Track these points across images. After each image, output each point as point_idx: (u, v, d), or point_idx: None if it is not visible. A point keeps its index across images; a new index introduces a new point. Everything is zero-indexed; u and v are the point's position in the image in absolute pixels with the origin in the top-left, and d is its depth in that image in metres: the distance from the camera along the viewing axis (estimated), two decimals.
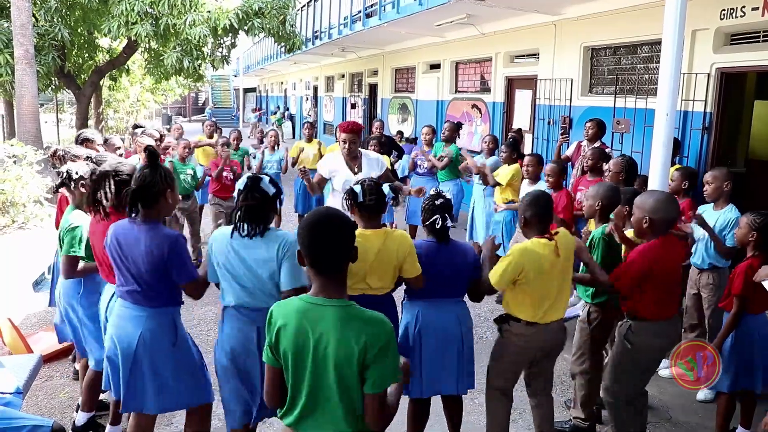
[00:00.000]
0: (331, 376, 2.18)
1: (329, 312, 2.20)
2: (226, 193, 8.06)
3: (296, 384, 2.25)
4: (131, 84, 23.00)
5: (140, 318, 3.26)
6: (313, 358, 2.19)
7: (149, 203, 3.23)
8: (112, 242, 3.26)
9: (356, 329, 2.17)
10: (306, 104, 28.13)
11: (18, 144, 10.76)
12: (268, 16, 14.10)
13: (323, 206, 3.02)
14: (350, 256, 2.29)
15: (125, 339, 3.25)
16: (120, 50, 16.98)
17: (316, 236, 2.23)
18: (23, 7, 11.85)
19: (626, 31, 8.00)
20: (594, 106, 8.61)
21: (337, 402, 2.21)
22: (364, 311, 2.24)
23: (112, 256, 3.27)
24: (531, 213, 3.60)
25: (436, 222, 3.55)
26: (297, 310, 2.23)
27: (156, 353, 3.27)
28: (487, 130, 11.52)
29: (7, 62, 12.50)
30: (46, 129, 15.06)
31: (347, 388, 2.19)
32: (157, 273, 3.20)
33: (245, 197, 3.12)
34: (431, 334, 3.60)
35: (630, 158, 5.54)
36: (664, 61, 4.27)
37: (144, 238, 3.18)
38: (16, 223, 9.70)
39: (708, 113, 6.85)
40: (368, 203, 3.46)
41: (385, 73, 17.18)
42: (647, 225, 3.61)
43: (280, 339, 2.23)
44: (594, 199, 4.24)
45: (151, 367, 3.26)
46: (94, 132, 6.23)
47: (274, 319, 2.26)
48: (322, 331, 2.18)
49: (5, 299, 6.36)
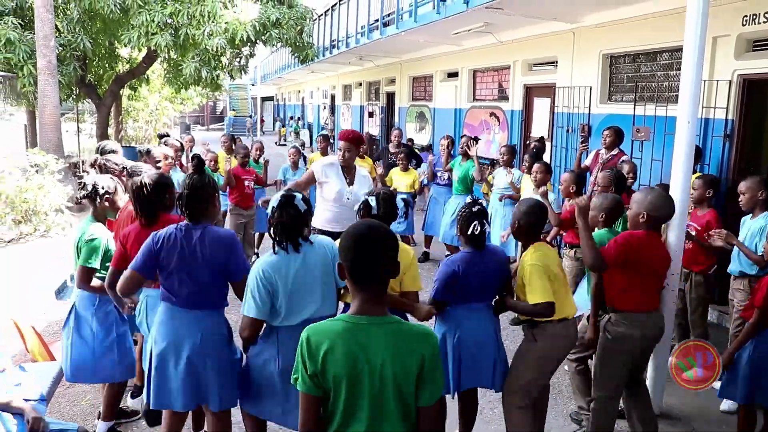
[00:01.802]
0: (391, 396, 2.14)
1: (379, 331, 2.16)
2: (247, 202, 8.10)
3: (349, 408, 2.17)
4: (150, 93, 23.19)
5: (198, 320, 3.33)
6: (370, 380, 2.13)
7: (201, 207, 3.35)
8: (165, 248, 3.30)
9: (410, 345, 2.16)
10: (323, 113, 28.22)
11: (40, 153, 10.88)
12: (285, 26, 14.18)
13: (366, 219, 3.04)
14: (392, 269, 2.24)
15: (184, 342, 3.30)
16: (140, 60, 17.14)
17: (359, 249, 2.20)
18: (46, 19, 12.00)
19: (646, 39, 7.96)
20: (613, 113, 8.57)
21: (398, 420, 2.18)
22: (411, 326, 2.23)
23: (165, 263, 3.30)
24: (525, 221, 3.75)
25: (475, 228, 3.60)
26: (342, 332, 2.16)
27: (214, 353, 3.34)
28: (506, 139, 11.50)
29: (30, 73, 12.65)
30: (67, 138, 15.21)
31: (407, 405, 2.18)
32: (215, 273, 3.29)
33: (280, 215, 3.14)
34: (472, 341, 3.67)
35: (618, 171, 5.54)
36: (686, 69, 4.24)
37: (201, 241, 3.28)
38: (38, 232, 9.80)
39: (730, 120, 6.79)
40: (381, 215, 3.58)
41: (403, 81, 17.21)
42: (644, 220, 3.79)
43: (327, 365, 2.13)
44: (598, 211, 4.28)
45: (213, 366, 3.32)
46: (116, 143, 6.29)
47: (314, 344, 2.15)
48: (375, 351, 2.13)
49: (28, 306, 6.42)
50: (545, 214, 3.90)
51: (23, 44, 12.64)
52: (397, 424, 2.18)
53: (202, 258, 3.26)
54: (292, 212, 3.14)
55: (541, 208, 3.86)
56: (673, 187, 4.37)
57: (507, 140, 11.41)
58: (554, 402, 4.29)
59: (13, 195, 9.56)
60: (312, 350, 2.14)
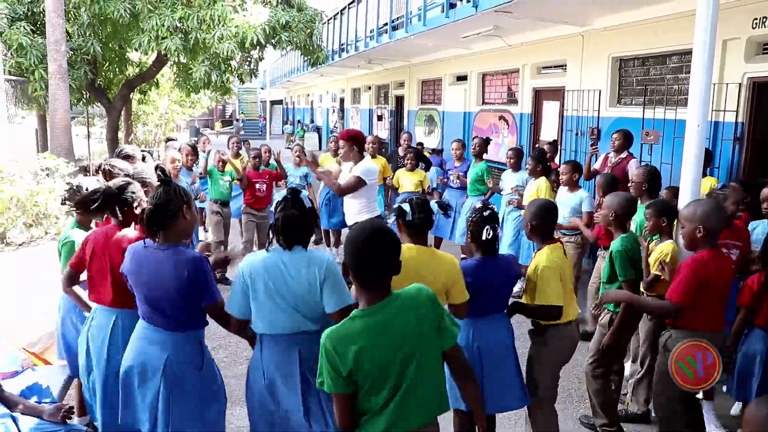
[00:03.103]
0: (421, 359, 2.33)
1: (386, 311, 2.31)
2: (261, 204, 8.14)
3: (395, 389, 2.32)
4: (160, 97, 23.28)
5: (167, 342, 3.12)
6: (399, 357, 2.29)
7: (167, 223, 3.11)
8: (132, 266, 3.15)
9: (418, 304, 2.34)
10: (332, 116, 28.26)
11: (51, 157, 10.96)
12: (295, 29, 14.22)
13: (368, 220, 3.04)
14: (394, 268, 2.35)
15: (150, 363, 3.12)
16: (150, 64, 17.23)
17: (362, 248, 2.30)
18: (57, 24, 12.08)
19: (655, 42, 7.94)
20: (622, 117, 8.55)
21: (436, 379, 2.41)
22: (404, 293, 2.39)
23: (133, 281, 3.16)
24: (538, 221, 3.74)
25: (488, 233, 3.54)
26: (364, 329, 2.29)
27: (182, 378, 3.12)
28: (515, 142, 11.48)
29: (42, 77, 12.74)
30: (77, 142, 15.29)
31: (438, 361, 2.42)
32: (183, 297, 3.06)
33: (284, 208, 3.03)
34: (490, 351, 3.58)
35: (653, 168, 5.47)
36: (695, 72, 4.22)
37: (167, 262, 3.06)
38: (48, 235, 9.86)
39: (740, 123, 6.76)
40: (417, 221, 3.41)
41: (412, 84, 17.22)
42: (701, 235, 3.57)
43: (361, 362, 2.26)
44: (609, 209, 4.25)
45: (177, 392, 3.11)
46: (135, 148, 6.29)
47: (341, 349, 2.26)
48: (395, 329, 2.30)
49: (40, 308, 6.45)
50: (556, 213, 3.88)
51: (34, 49, 12.74)
52: (429, 385, 2.38)
53: (168, 280, 3.03)
54: (298, 207, 3.04)
55: (552, 207, 3.85)
56: (683, 191, 4.34)
57: (516, 144, 11.39)
58: (563, 406, 4.28)
59: (24, 198, 9.63)
60: (341, 354, 2.26)
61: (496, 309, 3.67)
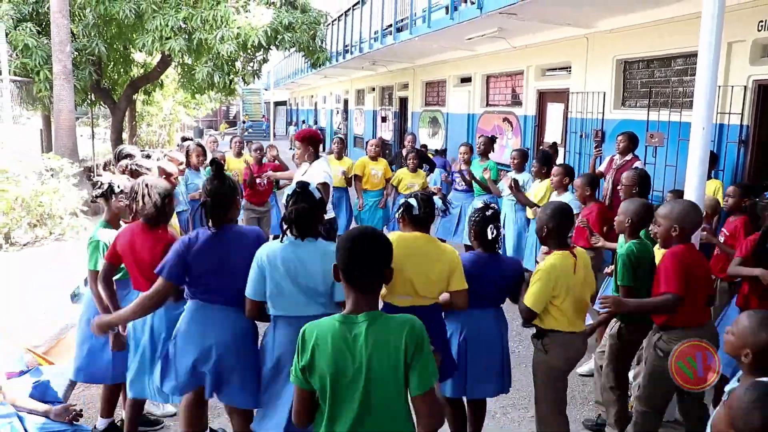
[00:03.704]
0: (378, 390, 2.21)
1: (367, 327, 2.22)
2: (261, 198, 8.15)
3: (336, 404, 2.24)
4: (164, 98, 23.32)
5: (231, 319, 3.37)
6: (356, 376, 2.20)
7: (224, 213, 3.39)
8: (200, 252, 3.32)
9: (392, 335, 2.21)
10: (336, 117, 28.28)
11: (55, 157, 10.98)
12: (298, 30, 14.23)
13: (362, 225, 3.09)
14: (385, 275, 2.34)
15: (223, 338, 3.35)
16: (154, 65, 17.26)
17: (352, 253, 2.29)
18: (62, 25, 12.12)
19: (660, 44, 7.94)
20: (627, 119, 8.54)
21: (385, 414, 2.25)
22: (393, 316, 2.30)
23: (204, 267, 3.33)
24: (553, 224, 3.70)
25: (492, 232, 3.63)
26: (333, 329, 2.24)
27: (248, 351, 3.41)
28: (519, 144, 11.48)
29: (47, 78, 12.77)
30: (82, 142, 15.32)
31: (396, 398, 2.24)
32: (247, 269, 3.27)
33: (295, 201, 3.17)
34: (477, 342, 3.68)
35: (642, 171, 5.48)
36: (700, 74, 4.22)
37: (234, 240, 3.37)
38: (53, 235, 9.88)
39: (745, 126, 6.75)
40: (423, 215, 3.56)
41: (416, 86, 17.22)
42: (676, 234, 3.68)
43: (315, 360, 2.22)
44: (625, 216, 4.20)
45: (235, 364, 3.36)
46: (135, 147, 6.32)
47: (306, 338, 2.26)
48: (361, 347, 2.20)
49: (45, 309, 6.47)
50: (571, 217, 3.87)
51: (39, 50, 12.78)
52: (384, 420, 2.24)
53: (240, 258, 3.29)
54: (308, 200, 3.18)
55: (567, 210, 3.83)
56: (688, 194, 4.34)
57: (520, 145, 11.38)
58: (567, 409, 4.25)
59: (29, 199, 9.66)
60: (304, 344, 2.25)
61: (487, 303, 3.75)
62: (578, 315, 3.72)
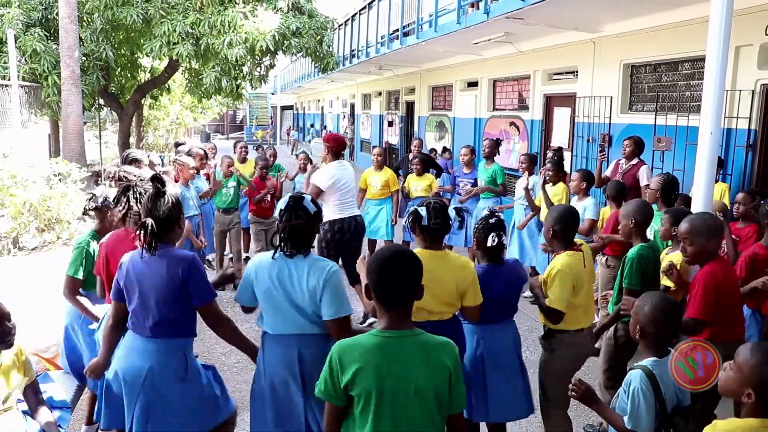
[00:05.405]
0: (418, 406, 2.24)
1: (409, 345, 2.26)
2: (266, 212, 8.11)
3: (380, 418, 2.24)
4: (171, 103, 23.38)
5: (149, 351, 3.11)
6: (398, 393, 2.22)
7: (164, 233, 3.12)
8: (128, 275, 3.13)
9: (439, 356, 2.26)
10: (343, 122, 28.31)
11: (63, 162, 11.02)
12: (306, 36, 14.25)
13: (392, 244, 3.03)
14: (416, 293, 2.34)
15: (132, 371, 3.10)
16: (161, 70, 17.31)
17: (384, 273, 2.30)
18: (71, 30, 12.18)
19: (667, 48, 7.92)
20: (634, 123, 8.52)
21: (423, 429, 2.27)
22: (435, 338, 2.33)
23: (127, 289, 3.14)
24: (560, 227, 3.72)
25: (494, 240, 3.54)
26: (373, 349, 2.25)
27: (164, 387, 3.11)
28: (525, 148, 11.46)
29: (55, 83, 12.84)
30: (89, 147, 15.38)
31: (434, 414, 2.28)
32: (175, 298, 3.06)
33: (288, 217, 3.04)
34: (495, 359, 3.59)
35: (670, 176, 5.45)
36: (708, 78, 4.21)
37: (160, 265, 3.06)
38: (60, 240, 9.91)
39: (752, 130, 6.73)
40: (432, 226, 3.39)
41: (423, 90, 17.23)
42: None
43: (357, 380, 2.22)
44: (627, 218, 4.21)
45: (158, 399, 3.10)
46: (142, 153, 6.31)
47: (346, 362, 2.23)
48: (407, 364, 2.23)
49: (52, 314, 6.48)
50: (578, 219, 3.88)
51: (48, 55, 12.85)
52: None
53: (162, 281, 3.04)
54: (302, 215, 3.06)
55: (573, 212, 3.84)
56: (695, 198, 4.32)
57: (527, 150, 11.37)
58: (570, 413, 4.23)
59: (37, 203, 9.68)
60: (344, 367, 2.23)
61: (501, 317, 3.67)
62: (587, 309, 3.74)
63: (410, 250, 2.45)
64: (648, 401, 2.69)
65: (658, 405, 2.71)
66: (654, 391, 2.71)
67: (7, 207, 9.47)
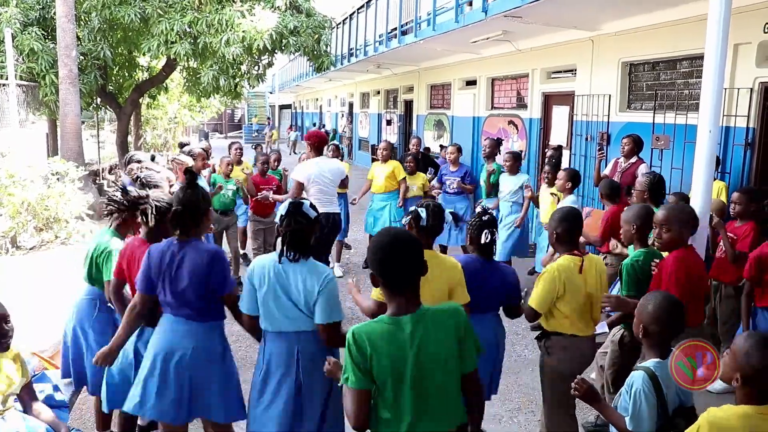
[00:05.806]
0: (435, 375, 2.32)
1: (419, 324, 2.31)
2: (265, 210, 8.09)
3: (399, 398, 2.32)
4: (169, 102, 23.35)
5: (191, 332, 3.33)
6: (413, 371, 2.29)
7: (192, 223, 3.35)
8: (154, 263, 3.32)
9: (444, 324, 2.34)
10: (341, 121, 28.30)
11: (61, 161, 11.00)
12: (303, 34, 14.23)
13: (387, 227, 3.07)
14: (420, 269, 2.40)
15: (178, 352, 3.30)
16: (159, 69, 17.28)
17: (387, 258, 2.35)
18: (68, 29, 12.15)
19: (665, 46, 7.92)
20: (632, 121, 8.52)
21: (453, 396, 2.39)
22: (439, 308, 2.42)
23: (157, 278, 3.33)
24: (562, 229, 3.74)
25: (486, 237, 3.65)
26: (384, 334, 2.30)
27: (207, 366, 3.35)
28: (524, 147, 11.47)
29: (52, 82, 12.80)
30: (87, 146, 15.36)
31: (450, 379, 2.37)
32: (202, 287, 3.28)
33: (288, 223, 3.14)
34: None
35: (657, 175, 5.46)
36: (707, 77, 4.21)
37: (188, 256, 3.29)
38: (58, 239, 9.90)
39: (751, 129, 6.73)
40: (429, 227, 3.58)
41: (421, 89, 17.23)
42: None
43: (373, 365, 2.28)
44: (629, 223, 4.18)
45: (201, 379, 3.32)
46: (145, 154, 6.28)
47: (361, 346, 2.29)
48: (415, 341, 2.29)
49: (51, 313, 6.47)
50: (580, 221, 3.88)
51: (45, 54, 12.80)
52: (441, 405, 2.36)
53: (190, 272, 3.27)
54: (301, 220, 3.15)
55: (577, 214, 3.85)
56: (694, 197, 4.33)
57: (526, 148, 11.38)
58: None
59: (35, 203, 9.67)
60: (361, 350, 2.29)
61: (483, 310, 3.75)
62: (583, 318, 3.71)
63: (405, 230, 2.51)
64: (650, 403, 2.70)
65: (659, 407, 2.71)
66: (656, 393, 2.71)
67: (5, 206, 9.45)
